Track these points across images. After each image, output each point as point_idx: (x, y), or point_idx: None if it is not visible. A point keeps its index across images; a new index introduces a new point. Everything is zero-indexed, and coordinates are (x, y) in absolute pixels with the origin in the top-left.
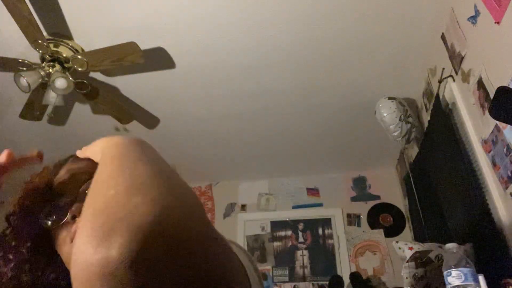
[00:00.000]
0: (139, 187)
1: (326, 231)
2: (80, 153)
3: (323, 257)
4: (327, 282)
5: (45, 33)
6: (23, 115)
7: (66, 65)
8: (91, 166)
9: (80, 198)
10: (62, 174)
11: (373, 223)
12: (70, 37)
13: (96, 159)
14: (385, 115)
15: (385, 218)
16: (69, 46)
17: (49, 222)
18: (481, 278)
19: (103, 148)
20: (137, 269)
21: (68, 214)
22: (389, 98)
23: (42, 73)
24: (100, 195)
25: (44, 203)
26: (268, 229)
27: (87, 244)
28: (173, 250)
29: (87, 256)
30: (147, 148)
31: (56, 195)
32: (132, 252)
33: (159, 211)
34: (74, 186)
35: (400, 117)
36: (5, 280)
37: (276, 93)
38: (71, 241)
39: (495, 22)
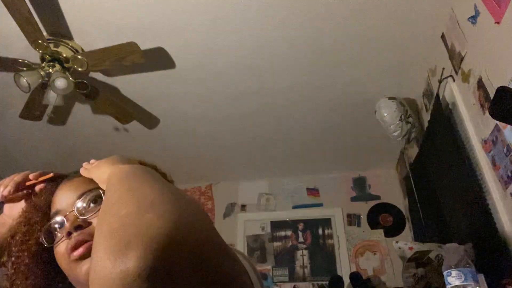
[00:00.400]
0: (149, 205)
1: (326, 231)
2: (84, 173)
3: (323, 257)
4: (327, 282)
5: (45, 33)
6: (23, 115)
7: (66, 65)
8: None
9: (70, 217)
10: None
11: (373, 223)
12: (70, 37)
13: (100, 183)
14: (385, 115)
15: (385, 218)
16: (69, 46)
17: (48, 242)
18: (481, 278)
19: (109, 173)
20: (154, 280)
21: (64, 232)
22: (390, 98)
23: (42, 73)
24: (113, 215)
25: (44, 221)
26: (268, 229)
27: (105, 260)
28: (186, 259)
29: (106, 271)
30: (149, 171)
31: (55, 214)
32: (148, 264)
33: (170, 224)
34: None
35: (401, 117)
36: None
37: (276, 93)
38: (69, 256)
39: (495, 22)
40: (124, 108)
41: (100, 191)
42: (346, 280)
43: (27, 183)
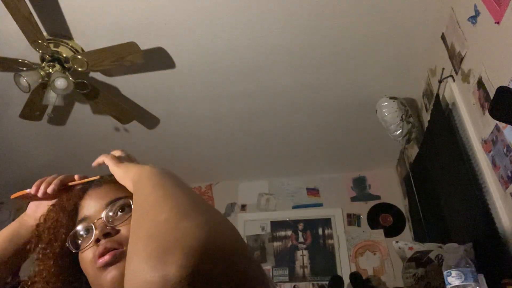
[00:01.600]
0: (186, 213)
1: (326, 231)
2: (112, 162)
3: (323, 257)
4: (327, 282)
5: (45, 33)
6: (23, 115)
7: (66, 65)
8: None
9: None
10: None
11: (373, 223)
12: (70, 37)
13: (125, 183)
14: (386, 114)
15: (385, 218)
16: (69, 46)
17: (75, 248)
18: (481, 278)
19: (139, 172)
20: (193, 286)
21: (93, 238)
22: (391, 98)
23: (42, 73)
24: (150, 221)
25: (69, 224)
26: (268, 229)
27: (144, 265)
28: (220, 266)
29: (145, 276)
30: (176, 176)
31: (82, 220)
32: (188, 270)
33: (206, 234)
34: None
35: (401, 117)
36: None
37: (276, 93)
38: (95, 263)
39: (495, 22)
40: (124, 108)
41: (130, 200)
42: (346, 280)
43: (70, 183)
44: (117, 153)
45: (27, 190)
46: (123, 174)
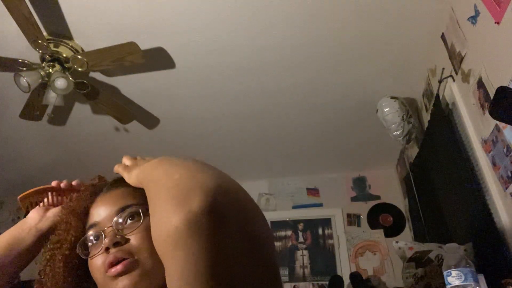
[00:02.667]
0: (197, 170)
1: (326, 231)
2: (125, 171)
3: (323, 257)
4: (327, 282)
5: (45, 33)
6: (23, 115)
7: (66, 65)
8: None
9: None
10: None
11: (373, 223)
12: (70, 37)
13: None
14: (387, 114)
15: (385, 218)
16: (69, 46)
17: (85, 254)
18: (481, 278)
19: (143, 172)
20: (214, 217)
21: (103, 246)
22: (392, 98)
23: (42, 73)
24: (166, 180)
25: (79, 228)
26: None
27: (168, 209)
28: (234, 205)
29: (171, 216)
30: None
31: (92, 226)
32: (209, 204)
33: (219, 181)
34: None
35: (402, 116)
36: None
37: (276, 93)
38: (106, 271)
39: (495, 22)
40: (124, 108)
41: (139, 208)
42: (346, 280)
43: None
44: (126, 161)
45: (42, 186)
46: (136, 181)
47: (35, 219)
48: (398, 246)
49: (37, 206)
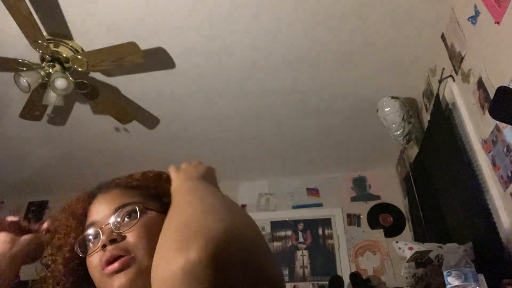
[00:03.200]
0: (211, 210)
1: (326, 231)
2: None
3: (323, 257)
4: (327, 282)
5: (45, 33)
6: (23, 115)
7: (66, 65)
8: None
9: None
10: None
11: (373, 223)
12: (70, 37)
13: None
14: (388, 113)
15: (385, 218)
16: (69, 46)
17: (82, 252)
18: (481, 278)
19: (180, 184)
20: (213, 269)
21: (99, 244)
22: (393, 98)
23: (42, 73)
24: (181, 214)
25: (79, 229)
26: (268, 229)
27: (169, 251)
28: (238, 254)
29: (170, 260)
30: (213, 186)
31: (91, 225)
32: (208, 254)
33: (227, 226)
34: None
35: (403, 116)
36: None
37: (276, 93)
38: (102, 269)
39: (495, 22)
40: (124, 108)
41: (136, 206)
42: (346, 280)
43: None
44: (184, 165)
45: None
46: (172, 188)
47: (6, 245)
48: (398, 246)
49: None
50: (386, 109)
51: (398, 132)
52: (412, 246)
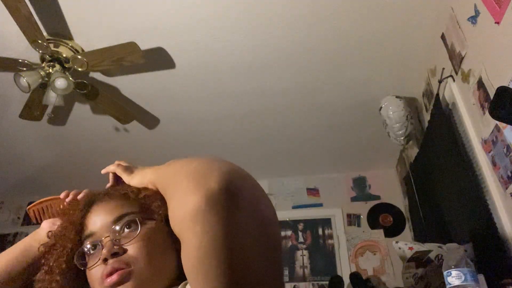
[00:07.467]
0: (212, 160)
1: (326, 231)
2: (123, 172)
3: (323, 257)
4: (327, 282)
5: (45, 33)
6: (23, 115)
7: (66, 65)
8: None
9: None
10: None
11: (373, 223)
12: (70, 37)
13: (142, 184)
14: (392, 112)
15: (385, 218)
16: (69, 46)
17: (82, 264)
18: (481, 278)
19: (156, 174)
20: (230, 194)
21: (101, 257)
22: (397, 97)
23: (42, 73)
24: (185, 169)
25: (75, 239)
26: None
27: (188, 190)
28: (248, 188)
29: (190, 196)
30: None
31: (89, 235)
32: (225, 183)
33: (234, 168)
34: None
35: (407, 116)
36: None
37: (276, 93)
38: (103, 281)
39: (495, 22)
40: (124, 108)
41: (136, 217)
42: (346, 280)
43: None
44: (123, 163)
45: (51, 197)
46: (141, 180)
47: (47, 230)
48: (398, 246)
49: (51, 218)
50: (390, 108)
51: (401, 132)
52: (412, 246)
